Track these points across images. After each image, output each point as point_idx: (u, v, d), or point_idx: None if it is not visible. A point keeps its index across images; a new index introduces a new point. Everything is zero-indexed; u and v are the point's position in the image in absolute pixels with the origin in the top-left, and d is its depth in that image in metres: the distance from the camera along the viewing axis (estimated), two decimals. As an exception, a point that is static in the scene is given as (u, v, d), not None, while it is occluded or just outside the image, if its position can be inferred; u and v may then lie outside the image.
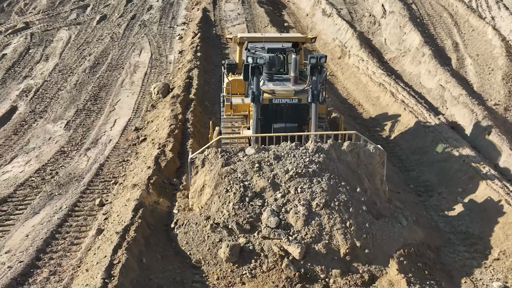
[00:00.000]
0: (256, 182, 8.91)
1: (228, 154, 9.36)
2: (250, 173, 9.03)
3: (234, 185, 8.93)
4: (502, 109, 14.53)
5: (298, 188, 8.83)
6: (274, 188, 8.87)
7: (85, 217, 9.94)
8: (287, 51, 11.82)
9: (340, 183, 9.06)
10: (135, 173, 11.43)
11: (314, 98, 9.97)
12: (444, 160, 12.31)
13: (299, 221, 8.53)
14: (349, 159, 9.51)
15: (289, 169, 8.97)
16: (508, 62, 16.21)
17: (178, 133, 13.27)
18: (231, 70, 12.41)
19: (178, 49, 22.45)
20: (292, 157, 9.16)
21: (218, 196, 8.91)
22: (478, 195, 10.83)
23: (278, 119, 10.42)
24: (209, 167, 9.26)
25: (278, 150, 9.31)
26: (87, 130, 15.18)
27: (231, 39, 13.07)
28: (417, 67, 17.80)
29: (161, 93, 16.95)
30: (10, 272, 7.93)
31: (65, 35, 24.71)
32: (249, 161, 9.17)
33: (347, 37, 21.45)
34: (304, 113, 10.55)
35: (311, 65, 9.88)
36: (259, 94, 9.79)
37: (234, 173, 9.06)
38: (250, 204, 8.71)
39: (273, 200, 8.76)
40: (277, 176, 8.96)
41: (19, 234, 9.34)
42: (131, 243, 8.19)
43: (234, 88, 11.83)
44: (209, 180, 9.14)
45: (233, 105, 11.48)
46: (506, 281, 8.58)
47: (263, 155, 9.23)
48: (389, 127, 14.95)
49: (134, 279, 7.62)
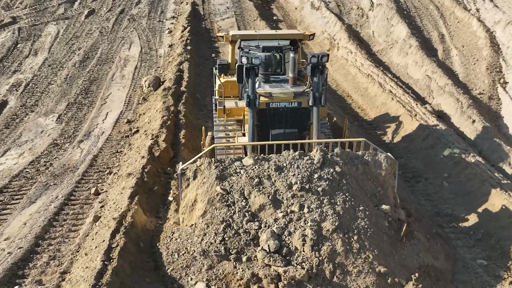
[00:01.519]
0: (254, 199, 7.97)
1: (223, 165, 8.38)
2: (247, 188, 8.05)
3: (229, 209, 7.98)
4: (487, 98, 15.04)
5: (305, 206, 7.87)
6: (275, 205, 7.93)
7: (81, 206, 10.18)
8: (284, 49, 10.90)
9: (355, 202, 8.09)
10: (129, 163, 11.69)
11: (316, 101, 9.10)
12: (430, 147, 12.77)
13: (307, 246, 7.52)
14: (359, 171, 8.54)
15: (292, 182, 8.03)
16: (492, 52, 16.73)
17: (170, 124, 13.53)
18: (223, 71, 11.72)
19: (168, 43, 22.64)
20: (295, 168, 8.21)
21: (211, 215, 7.99)
22: (463, 179, 11.31)
23: (276, 124, 9.51)
24: (202, 179, 8.27)
25: (280, 160, 8.33)
26: (79, 123, 15.36)
27: (222, 37, 12.14)
28: (404, 58, 18.26)
29: (152, 86, 17.18)
30: (11, 258, 8.17)
31: (53, 30, 24.73)
32: (247, 175, 8.18)
33: (335, 30, 21.85)
34: (304, 118, 9.64)
35: (312, 64, 9.00)
36: (255, 98, 8.89)
37: (229, 193, 8.10)
38: (245, 229, 7.77)
39: (273, 220, 7.81)
40: (278, 192, 8.04)
41: (17, 222, 9.56)
42: (129, 228, 8.47)
43: (227, 91, 10.97)
44: (201, 194, 8.17)
45: (226, 109, 10.65)
46: (489, 259, 9.04)
47: (262, 166, 8.28)
48: (377, 117, 15.38)
49: (133, 262, 7.91)
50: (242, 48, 10.97)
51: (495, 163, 11.98)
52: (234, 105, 10.88)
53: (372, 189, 8.56)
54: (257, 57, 8.93)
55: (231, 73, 11.80)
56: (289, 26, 25.12)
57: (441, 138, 12.78)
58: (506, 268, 8.68)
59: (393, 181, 8.83)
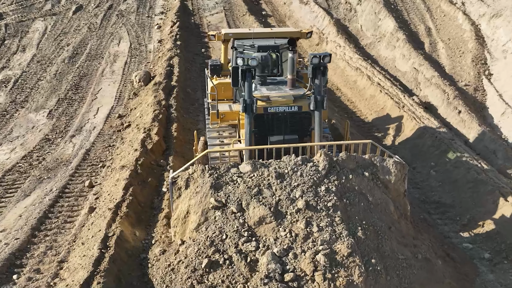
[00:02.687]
0: (254, 210, 7.24)
1: (218, 172, 7.69)
2: (245, 198, 7.33)
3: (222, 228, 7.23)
4: (472, 89, 15.45)
5: (313, 224, 7.09)
6: (277, 218, 7.18)
7: (76, 198, 10.35)
8: (281, 48, 10.32)
9: (369, 218, 7.43)
10: (122, 156, 11.86)
11: (317, 104, 8.51)
12: (418, 138, 13.15)
13: (318, 276, 6.60)
14: (368, 178, 7.87)
15: (297, 196, 7.34)
16: (477, 45, 17.14)
17: (162, 118, 13.71)
18: (215, 72, 11.15)
19: (157, 38, 22.74)
20: (298, 176, 7.53)
21: (205, 228, 7.28)
22: (449, 168, 11.68)
23: (275, 130, 8.84)
24: (195, 189, 7.60)
25: (280, 166, 7.64)
26: (70, 118, 15.45)
27: (214, 35, 11.53)
28: (392, 52, 18.62)
29: (143, 81, 17.32)
30: (8, 248, 8.34)
31: (41, 26, 24.66)
32: (245, 184, 7.49)
33: (324, 24, 22.16)
34: (305, 123, 8.98)
35: (313, 65, 8.36)
36: (252, 102, 8.24)
37: (225, 205, 7.38)
38: (241, 251, 6.99)
39: (273, 239, 7.02)
40: (281, 203, 7.32)
41: (12, 215, 9.71)
42: (124, 218, 8.68)
43: (220, 93, 10.45)
44: (194, 205, 7.47)
45: (220, 114, 10.13)
46: (474, 242, 9.42)
47: (261, 173, 7.60)
48: (366, 109, 15.72)
49: (129, 250, 8.12)
50: (236, 48, 10.46)
51: (480, 152, 12.38)
52: (228, 108, 10.36)
53: (384, 200, 7.81)
54: (254, 58, 8.33)
55: (224, 74, 11.35)
56: (278, 21, 25.37)
57: (427, 129, 13.16)
58: (490, 250, 9.07)
59: (403, 187, 8.16)
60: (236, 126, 10.25)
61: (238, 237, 7.09)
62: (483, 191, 10.40)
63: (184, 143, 13.05)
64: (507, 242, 9.11)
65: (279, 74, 10.48)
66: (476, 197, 10.42)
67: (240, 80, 8.38)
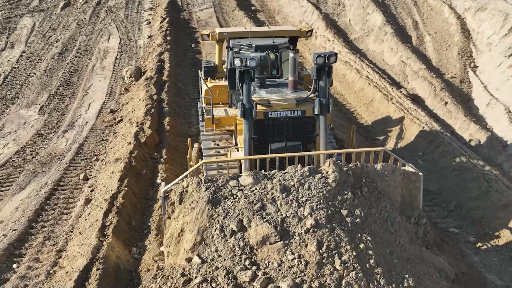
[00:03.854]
0: (256, 228, 6.52)
1: (215, 185, 7.01)
2: (247, 215, 6.64)
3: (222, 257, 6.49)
4: (458, 81, 15.88)
5: (331, 247, 6.31)
6: (284, 240, 6.43)
7: (71, 190, 10.56)
8: (280, 48, 9.78)
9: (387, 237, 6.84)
10: (116, 150, 12.07)
11: (322, 108, 7.95)
12: (406, 128, 13.54)
13: None
14: (382, 190, 7.25)
15: (305, 213, 6.61)
16: (463, 38, 17.60)
17: (154, 112, 13.93)
18: (209, 74, 10.65)
19: (147, 34, 22.89)
20: (306, 189, 6.83)
21: (204, 248, 6.62)
22: (436, 157, 12.09)
23: (276, 137, 8.31)
24: (190, 204, 6.93)
25: (285, 178, 6.98)
26: (62, 114, 15.59)
27: (207, 35, 10.86)
28: (380, 45, 19.02)
29: (134, 77, 17.49)
30: (6, 239, 8.53)
31: (29, 22, 24.66)
32: (246, 199, 6.81)
33: (313, 19, 22.50)
34: (309, 128, 8.45)
35: (317, 66, 7.81)
36: (251, 107, 7.68)
37: (223, 227, 6.64)
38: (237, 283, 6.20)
39: (277, 264, 6.23)
40: (287, 222, 6.58)
41: (9, 208, 9.89)
42: (120, 208, 8.92)
43: (215, 97, 9.95)
44: (190, 223, 6.80)
45: (215, 119, 9.56)
46: (460, 227, 9.83)
47: (264, 186, 6.93)
48: (355, 101, 16.10)
49: (126, 239, 8.37)
50: (232, 48, 9.95)
51: (466, 141, 12.82)
52: (224, 113, 9.84)
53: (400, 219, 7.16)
54: (253, 59, 7.69)
55: (218, 76, 10.92)
56: (267, 16, 25.64)
57: (415, 120, 13.55)
58: (475, 234, 9.48)
59: (418, 196, 7.54)
60: (232, 132, 9.70)
61: (232, 262, 6.33)
62: (468, 178, 10.81)
63: (177, 136, 13.29)
64: (490, 226, 9.54)
65: (278, 76, 9.88)
66: (461, 184, 10.84)
67: (238, 82, 7.80)
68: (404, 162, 7.73)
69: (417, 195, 7.51)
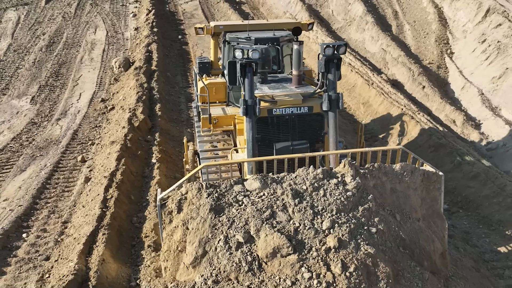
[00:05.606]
0: (266, 239, 5.88)
1: (218, 191, 6.38)
2: (254, 223, 6.01)
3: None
4: (435, 67, 16.95)
5: (360, 268, 5.70)
6: (299, 254, 5.80)
7: (71, 171, 11.27)
8: (281, 41, 9.31)
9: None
10: (110, 134, 12.79)
11: (332, 104, 7.46)
12: (386, 110, 14.53)
13: None
14: (401, 193, 6.70)
15: (323, 227, 5.97)
16: (440, 26, 18.69)
17: (146, 99, 14.67)
18: (204, 71, 10.24)
19: (134, 26, 23.52)
20: (321, 196, 6.22)
21: (208, 263, 6.01)
22: (414, 135, 13.10)
23: (281, 136, 7.77)
24: (190, 213, 6.30)
25: (297, 181, 6.34)
26: (54, 103, 16.21)
27: (202, 28, 10.34)
28: (362, 34, 20.02)
29: (123, 67, 18.16)
30: (14, 213, 9.23)
31: (13, 16, 25.06)
32: (254, 206, 6.16)
33: (297, 10, 23.40)
34: (317, 126, 7.90)
35: (326, 57, 7.30)
36: (254, 103, 7.17)
37: (227, 238, 6.03)
38: None
39: (290, 282, 5.65)
40: (300, 232, 5.95)
41: (12, 187, 10.56)
42: (120, 184, 9.68)
43: (211, 95, 9.45)
44: (191, 234, 6.19)
45: (212, 118, 9.07)
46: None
47: (273, 191, 6.31)
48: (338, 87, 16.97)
49: (127, 211, 9.15)
50: (229, 42, 9.52)
51: (442, 121, 13.86)
52: (221, 112, 9.37)
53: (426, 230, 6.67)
54: (255, 50, 7.17)
55: (214, 74, 10.55)
56: (251, 8, 26.44)
57: (394, 103, 14.55)
58: (448, 202, 10.49)
59: (439, 198, 6.99)
60: (231, 132, 9.31)
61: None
62: (443, 153, 11.84)
63: (168, 121, 14.05)
64: (462, 194, 10.58)
65: (279, 71, 9.41)
66: (437, 158, 11.85)
67: (239, 76, 7.24)
68: (423, 161, 7.14)
69: (438, 197, 6.93)
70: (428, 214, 6.90)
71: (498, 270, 8.19)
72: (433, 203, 6.98)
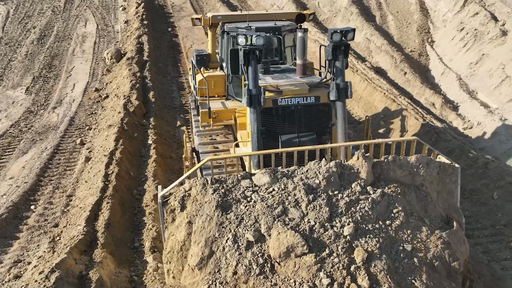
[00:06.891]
0: (278, 237, 5.52)
1: (224, 187, 6.07)
2: (265, 221, 5.66)
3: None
4: (417, 54, 17.98)
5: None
6: (316, 254, 5.43)
7: (71, 153, 12.03)
8: (283, 30, 9.05)
9: None
10: (107, 119, 13.56)
11: (340, 93, 7.20)
12: (369, 95, 15.50)
13: None
14: (418, 189, 6.35)
15: (345, 233, 5.59)
16: (422, 16, 19.74)
17: (139, 87, 15.44)
18: (202, 64, 9.93)
19: (123, 19, 24.23)
20: (337, 194, 5.89)
21: (215, 265, 5.65)
22: (395, 116, 14.09)
23: (286, 128, 7.53)
24: (195, 210, 5.99)
25: (308, 176, 6.00)
26: (49, 93, 16.91)
27: (199, 19, 10.15)
28: (347, 25, 20.98)
29: (115, 58, 18.91)
30: (20, 189, 9.99)
31: (2, 10, 25.61)
32: (263, 202, 5.83)
33: (284, 2, 24.30)
34: (324, 117, 7.66)
35: (333, 44, 7.03)
36: (258, 93, 6.87)
37: (237, 238, 5.67)
38: None
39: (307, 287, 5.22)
40: (316, 231, 5.57)
41: (16, 167, 11.31)
42: (119, 161, 10.48)
43: (210, 89, 9.25)
44: (196, 233, 5.85)
45: (212, 112, 8.81)
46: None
47: (284, 186, 5.97)
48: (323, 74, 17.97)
49: (127, 185, 9.96)
50: (228, 32, 9.22)
51: (422, 104, 14.87)
52: (221, 106, 9.12)
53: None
54: (259, 35, 6.72)
55: (212, 66, 10.38)
56: (239, 1, 27.27)
57: (377, 88, 15.53)
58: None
59: (455, 191, 6.64)
60: (231, 127, 9.18)
61: None
62: (422, 132, 12.82)
63: (162, 108, 14.85)
64: (439, 168, 11.55)
65: (281, 62, 9.28)
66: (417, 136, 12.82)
67: (243, 65, 6.86)
68: (439, 152, 6.84)
69: (454, 190, 6.63)
70: (444, 209, 6.46)
71: (468, 232, 9.17)
72: (449, 197, 6.59)
